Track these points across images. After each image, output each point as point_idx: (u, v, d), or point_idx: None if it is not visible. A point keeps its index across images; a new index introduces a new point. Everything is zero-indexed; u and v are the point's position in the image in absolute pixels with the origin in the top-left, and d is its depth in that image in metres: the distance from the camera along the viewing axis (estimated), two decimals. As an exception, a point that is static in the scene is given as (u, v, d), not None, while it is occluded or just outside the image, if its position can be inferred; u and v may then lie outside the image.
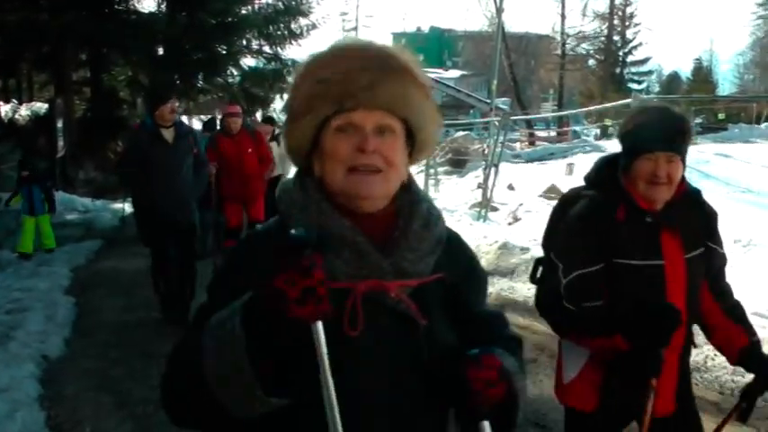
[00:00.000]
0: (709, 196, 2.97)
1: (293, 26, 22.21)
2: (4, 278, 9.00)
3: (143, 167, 6.77)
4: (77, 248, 10.87)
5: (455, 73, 70.59)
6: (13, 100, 20.65)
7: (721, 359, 5.87)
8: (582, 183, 3.10)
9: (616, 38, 47.14)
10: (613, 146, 28.41)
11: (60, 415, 5.17)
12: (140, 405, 5.30)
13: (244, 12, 20.98)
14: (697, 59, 68.78)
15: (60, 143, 16.07)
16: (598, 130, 41.14)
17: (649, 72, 55.78)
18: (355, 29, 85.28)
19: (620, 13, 46.76)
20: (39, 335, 6.70)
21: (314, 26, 22.71)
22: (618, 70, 47.70)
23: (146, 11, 20.17)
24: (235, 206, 8.91)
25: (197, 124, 23.36)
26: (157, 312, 7.42)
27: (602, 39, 46.33)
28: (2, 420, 4.83)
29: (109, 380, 5.82)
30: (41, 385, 5.62)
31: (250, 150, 8.79)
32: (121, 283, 9.00)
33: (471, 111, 48.45)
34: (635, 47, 49.72)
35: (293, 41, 22.33)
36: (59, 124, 16.13)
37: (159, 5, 20.49)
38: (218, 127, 9.83)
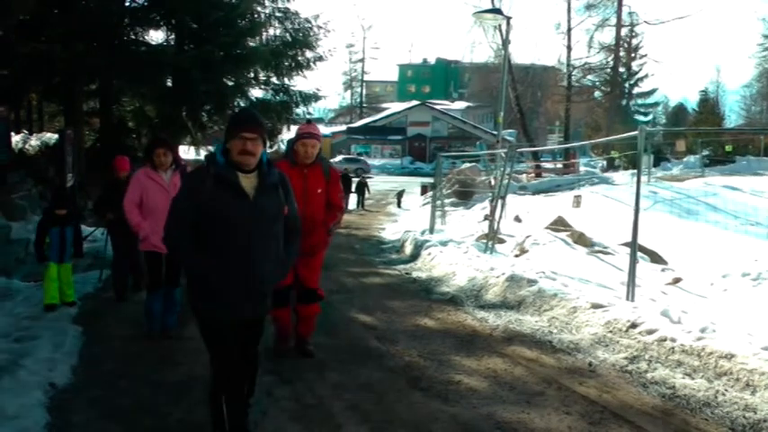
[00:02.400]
0: (718, 229, 2.99)
1: (300, 58, 22.46)
2: (14, 306, 9.02)
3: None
4: (85, 278, 10.86)
5: (461, 104, 71.06)
6: (24, 130, 20.80)
7: (733, 394, 5.86)
8: (590, 215, 3.13)
9: (622, 69, 47.33)
10: (620, 177, 28.49)
11: (68, 443, 5.17)
12: (148, 433, 5.32)
13: (252, 44, 21.18)
14: (703, 91, 69.13)
15: (69, 174, 16.14)
16: (605, 162, 41.25)
17: (655, 104, 56.12)
18: (362, 60, 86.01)
19: (625, 45, 47.00)
20: (47, 363, 6.70)
21: (321, 58, 22.96)
22: (624, 102, 47.89)
23: (155, 43, 20.40)
24: None
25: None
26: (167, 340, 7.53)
27: (608, 70, 46.48)
28: (11, 445, 4.84)
29: (116, 409, 5.80)
30: (49, 413, 5.60)
31: (320, 191, 7.00)
32: (128, 312, 8.99)
33: (478, 142, 48.59)
34: (641, 78, 50.01)
35: (300, 73, 22.54)
36: (69, 154, 16.22)
37: (168, 38, 20.73)
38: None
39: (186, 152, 23.23)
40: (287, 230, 4.84)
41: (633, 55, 48.81)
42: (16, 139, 18.37)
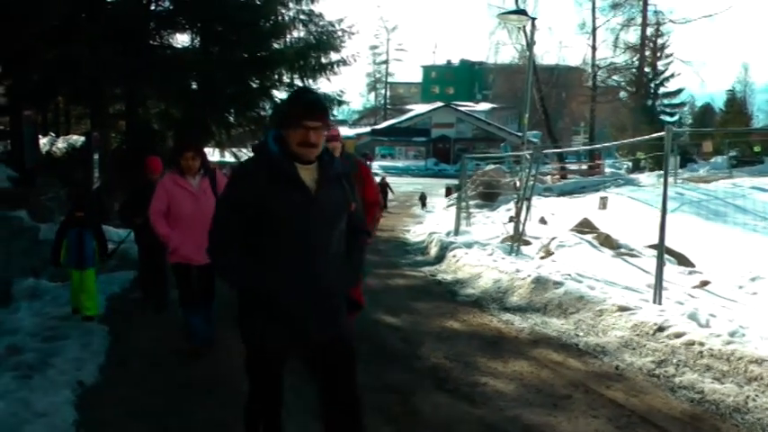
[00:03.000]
0: (746, 231, 2.97)
1: (324, 60, 22.47)
2: (42, 306, 9.11)
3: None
4: (112, 278, 10.94)
5: (485, 106, 70.93)
6: (51, 133, 21.00)
7: (764, 400, 5.80)
8: (616, 217, 3.09)
9: (647, 69, 47.00)
10: (646, 179, 28.29)
11: (97, 441, 5.23)
12: (175, 432, 5.36)
13: (276, 46, 21.24)
14: (730, 90, 68.45)
15: (96, 175, 16.29)
16: (630, 164, 41.00)
17: (682, 103, 55.67)
18: (386, 62, 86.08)
19: (651, 45, 46.67)
20: (75, 362, 6.77)
21: (344, 62, 22.98)
22: (649, 102, 47.56)
23: (180, 46, 20.51)
24: None
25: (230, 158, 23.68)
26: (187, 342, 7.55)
27: (634, 70, 46.18)
28: (41, 444, 4.91)
29: (143, 407, 5.85)
30: (77, 411, 5.67)
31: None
32: (154, 312, 9.07)
33: (502, 144, 48.47)
34: (667, 78, 49.66)
35: (324, 75, 22.57)
36: (95, 156, 16.37)
37: (193, 41, 20.83)
38: None
39: (211, 154, 23.33)
40: (352, 231, 4.15)
41: (659, 54, 48.43)
42: (44, 141, 18.54)
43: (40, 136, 17.90)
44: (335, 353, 3.97)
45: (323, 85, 23.03)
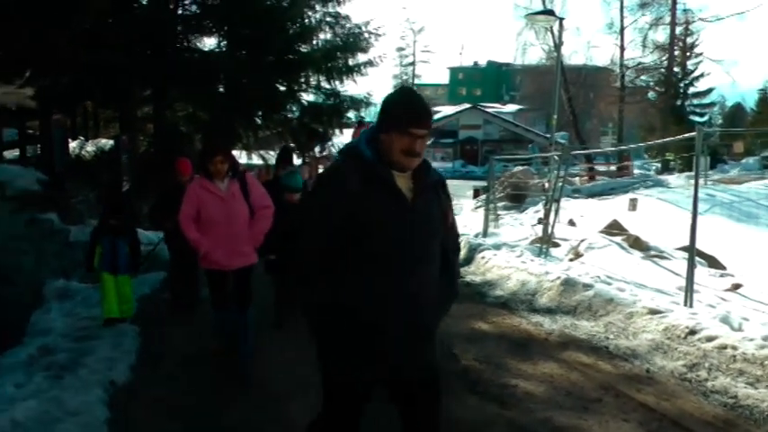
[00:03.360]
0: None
1: (351, 62, 22.49)
2: (73, 306, 9.19)
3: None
4: (142, 280, 10.97)
5: (513, 107, 70.70)
6: (80, 137, 21.19)
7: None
8: (645, 219, 3.02)
9: (676, 69, 46.56)
10: (675, 180, 28.04)
11: (129, 440, 5.28)
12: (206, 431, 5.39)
13: (303, 49, 21.28)
14: (762, 90, 67.55)
15: (124, 178, 16.42)
16: (659, 165, 40.67)
17: (711, 104, 55.07)
18: (412, 64, 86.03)
19: (680, 44, 46.24)
20: (106, 362, 6.84)
21: (371, 63, 22.99)
22: (679, 102, 47.12)
23: (207, 49, 20.61)
24: None
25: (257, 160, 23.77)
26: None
27: (662, 70, 45.78)
28: (73, 443, 4.96)
29: (174, 407, 5.90)
30: (109, 410, 5.73)
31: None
32: (184, 313, 9.11)
33: (530, 145, 48.29)
34: (696, 78, 49.17)
35: (351, 77, 22.60)
36: (124, 160, 16.50)
37: (220, 44, 20.93)
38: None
39: (238, 157, 23.43)
40: (447, 250, 3.61)
41: (688, 54, 47.94)
42: (73, 145, 18.70)
43: (70, 140, 18.06)
44: (423, 387, 3.58)
45: (350, 87, 23.06)
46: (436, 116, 73.14)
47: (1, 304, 8.28)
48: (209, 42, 21.44)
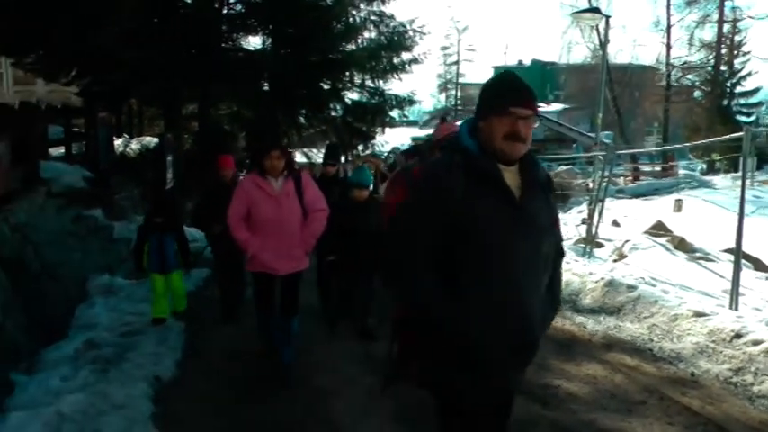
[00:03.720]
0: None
1: (395, 61, 22.51)
2: (117, 302, 9.29)
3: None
4: (186, 277, 11.08)
5: (557, 106, 70.03)
6: (125, 135, 21.46)
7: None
8: (690, 220, 2.90)
9: (723, 68, 45.85)
10: (721, 181, 27.66)
11: (174, 434, 5.34)
12: (251, 428, 5.44)
13: (347, 48, 21.33)
14: (811, 88, 66.23)
15: (169, 176, 16.57)
16: (704, 165, 40.13)
17: (759, 103, 54.15)
18: (456, 63, 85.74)
19: (727, 42, 45.54)
20: (151, 357, 6.92)
21: (416, 61, 22.97)
22: (725, 102, 46.39)
23: (252, 48, 20.76)
24: None
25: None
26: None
27: (709, 69, 45.13)
28: (119, 436, 5.03)
29: (219, 402, 5.96)
30: (154, 404, 5.82)
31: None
32: (231, 314, 9.17)
33: (574, 145, 47.89)
34: (743, 77, 48.37)
35: (395, 76, 22.61)
36: (168, 158, 16.65)
37: (265, 43, 21.07)
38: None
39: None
40: (555, 253, 3.25)
41: (735, 52, 47.18)
42: (118, 143, 18.95)
43: (115, 137, 18.30)
44: (502, 409, 3.32)
45: (394, 86, 23.10)
46: (478, 115, 72.93)
47: (47, 299, 8.39)
48: (253, 41, 21.62)
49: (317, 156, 24.01)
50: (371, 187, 8.68)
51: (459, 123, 4.76)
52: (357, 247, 7.42)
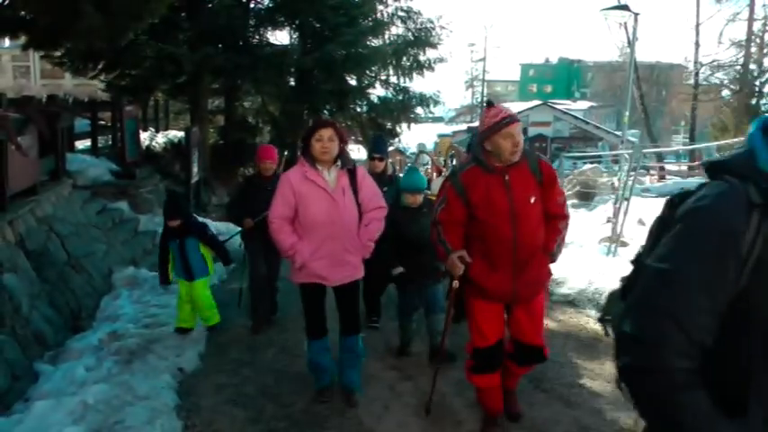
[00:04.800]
0: None
1: (421, 58, 22.48)
2: (142, 294, 9.32)
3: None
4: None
5: (584, 104, 69.68)
6: (151, 128, 21.58)
7: None
8: None
9: (752, 66, 45.40)
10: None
11: (197, 425, 5.37)
12: (273, 421, 5.46)
13: (374, 43, 21.34)
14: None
15: (195, 169, 16.65)
16: (731, 165, 39.75)
17: (787, 102, 53.69)
18: (483, 59, 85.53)
19: (757, 41, 45.09)
20: (175, 349, 6.94)
21: (441, 59, 22.95)
22: (754, 101, 45.94)
23: (278, 44, 20.81)
24: (493, 311, 4.93)
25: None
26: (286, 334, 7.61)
27: (738, 67, 44.70)
28: (143, 426, 5.07)
29: (241, 395, 5.99)
30: (178, 396, 5.86)
31: (533, 200, 4.72)
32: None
33: (600, 143, 47.63)
34: (772, 76, 47.92)
35: (421, 73, 22.59)
36: (194, 151, 16.73)
37: (292, 38, 21.12)
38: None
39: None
40: None
41: (765, 51, 46.69)
42: (144, 136, 19.06)
43: (141, 131, 18.41)
44: None
45: (419, 84, 23.13)
46: (505, 113, 73.01)
47: (72, 291, 8.45)
48: (280, 36, 21.71)
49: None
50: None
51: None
52: (421, 259, 6.37)
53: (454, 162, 12.34)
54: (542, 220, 4.84)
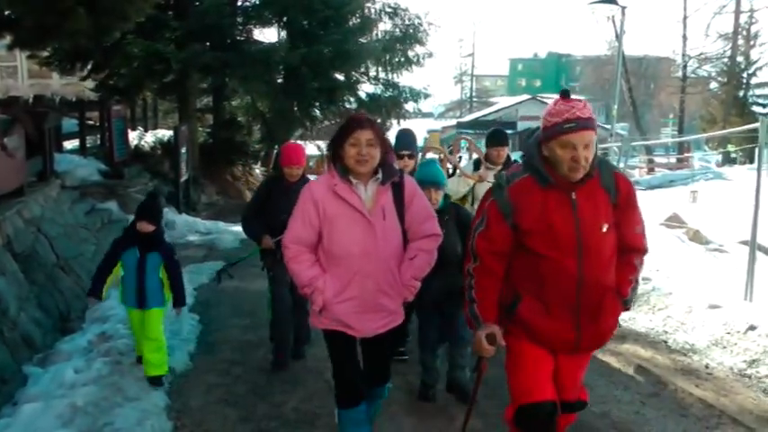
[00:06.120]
0: None
1: (410, 54, 22.50)
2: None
3: None
4: (200, 268, 11.08)
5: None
6: (140, 127, 21.57)
7: None
8: (706, 211, 2.66)
9: (740, 59, 45.50)
10: (736, 173, 27.53)
11: (187, 425, 5.36)
12: (264, 420, 5.45)
13: (362, 40, 21.33)
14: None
15: (183, 168, 16.64)
16: (720, 157, 39.90)
17: (775, 94, 53.81)
18: (471, 54, 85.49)
19: (744, 33, 45.20)
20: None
21: (430, 54, 22.97)
22: (741, 93, 46.05)
23: (266, 41, 20.80)
24: (545, 355, 3.72)
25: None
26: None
27: (726, 60, 44.85)
28: (132, 427, 5.06)
29: (232, 395, 5.98)
30: (168, 396, 5.83)
31: (606, 227, 3.54)
32: (243, 302, 9.11)
33: (589, 136, 47.78)
34: (759, 68, 48.03)
35: (410, 69, 22.61)
36: (183, 150, 16.72)
37: (280, 36, 21.12)
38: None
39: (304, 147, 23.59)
40: None
41: (752, 43, 46.80)
42: (132, 135, 19.05)
43: (129, 130, 18.40)
44: None
45: (408, 79, 23.11)
46: (494, 107, 73.05)
47: (61, 292, 8.42)
48: (268, 34, 21.67)
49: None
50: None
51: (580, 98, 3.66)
52: (437, 278, 4.78)
53: (467, 157, 11.37)
54: (615, 255, 3.64)
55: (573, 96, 3.55)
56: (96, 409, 5.34)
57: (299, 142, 8.40)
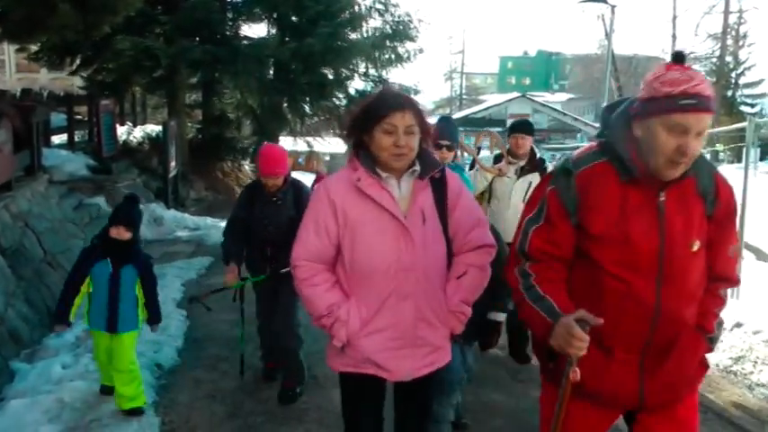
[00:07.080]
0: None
1: (400, 50, 22.47)
2: (119, 290, 9.26)
3: None
4: (188, 264, 11.06)
5: (562, 96, 69.97)
6: (128, 122, 21.51)
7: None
8: None
9: (729, 59, 45.69)
10: (724, 172, 27.65)
11: (174, 421, 5.36)
12: (251, 416, 5.46)
13: (352, 37, 21.30)
14: (816, 80, 65.97)
15: (172, 164, 16.60)
16: (708, 156, 40.05)
17: (763, 94, 54.02)
18: (462, 52, 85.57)
19: (733, 33, 45.39)
20: (153, 345, 6.89)
21: (420, 50, 22.94)
22: (730, 93, 46.22)
23: (256, 37, 20.75)
24: (594, 424, 2.82)
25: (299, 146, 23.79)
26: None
27: (715, 60, 45.05)
28: (119, 424, 5.06)
29: (219, 390, 5.99)
30: (156, 392, 5.84)
31: (697, 245, 2.61)
32: (230, 298, 9.11)
33: (578, 135, 47.83)
34: (748, 68, 48.23)
35: (399, 65, 22.58)
36: (172, 145, 16.68)
37: (269, 31, 21.06)
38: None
39: (294, 143, 23.58)
40: None
41: (741, 43, 47.00)
42: (121, 130, 19.01)
43: (118, 125, 18.35)
44: None
45: (398, 75, 23.08)
46: (484, 105, 73.15)
47: (48, 287, 8.39)
48: (258, 30, 21.62)
49: (322, 144, 24.04)
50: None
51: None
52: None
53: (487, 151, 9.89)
54: (703, 282, 2.72)
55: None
56: (84, 405, 5.34)
57: (279, 144, 7.70)
